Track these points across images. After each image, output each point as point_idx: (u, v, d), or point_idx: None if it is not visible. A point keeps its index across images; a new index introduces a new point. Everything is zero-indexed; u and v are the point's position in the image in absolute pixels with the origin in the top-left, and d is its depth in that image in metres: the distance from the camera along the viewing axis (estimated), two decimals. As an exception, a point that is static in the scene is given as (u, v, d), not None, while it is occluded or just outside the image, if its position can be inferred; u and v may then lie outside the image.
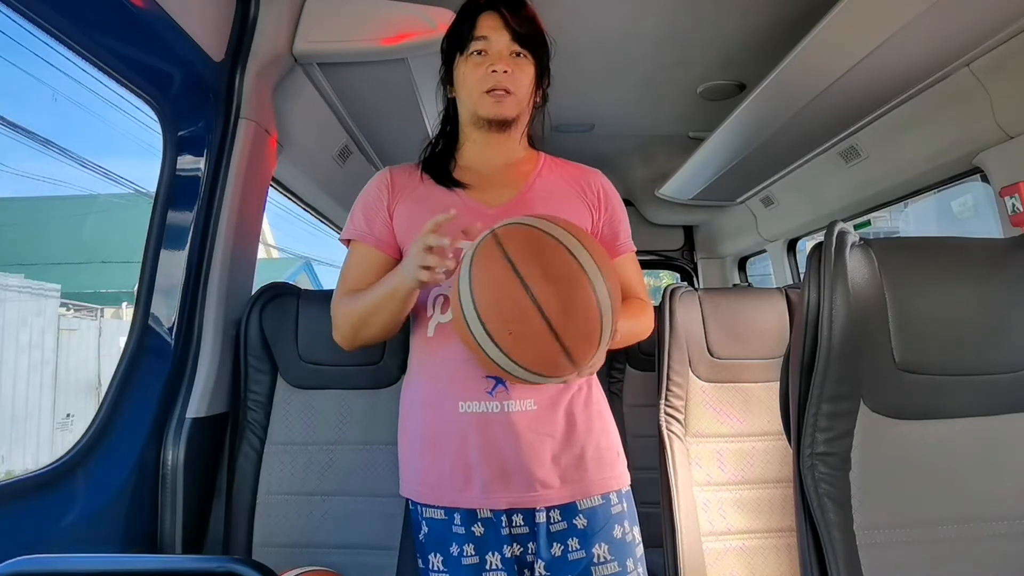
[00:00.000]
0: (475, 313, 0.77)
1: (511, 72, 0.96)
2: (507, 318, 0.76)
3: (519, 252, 0.77)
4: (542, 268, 0.76)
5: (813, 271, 0.92)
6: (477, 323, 0.77)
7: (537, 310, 0.74)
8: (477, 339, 0.78)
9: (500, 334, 0.76)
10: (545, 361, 0.77)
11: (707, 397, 1.36)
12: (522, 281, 0.75)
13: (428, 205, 0.99)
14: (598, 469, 0.95)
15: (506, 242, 0.79)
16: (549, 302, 0.74)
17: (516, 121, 1.01)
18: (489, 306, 0.76)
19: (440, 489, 0.93)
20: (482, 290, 0.77)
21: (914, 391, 0.90)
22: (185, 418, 1.19)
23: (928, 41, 1.24)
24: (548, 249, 0.78)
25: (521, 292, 0.75)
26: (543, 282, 0.75)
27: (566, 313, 0.75)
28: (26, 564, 0.61)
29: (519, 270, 0.76)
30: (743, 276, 3.24)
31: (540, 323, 0.74)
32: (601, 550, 0.91)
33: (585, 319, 0.76)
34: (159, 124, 1.24)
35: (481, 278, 0.78)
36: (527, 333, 0.75)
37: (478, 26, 0.97)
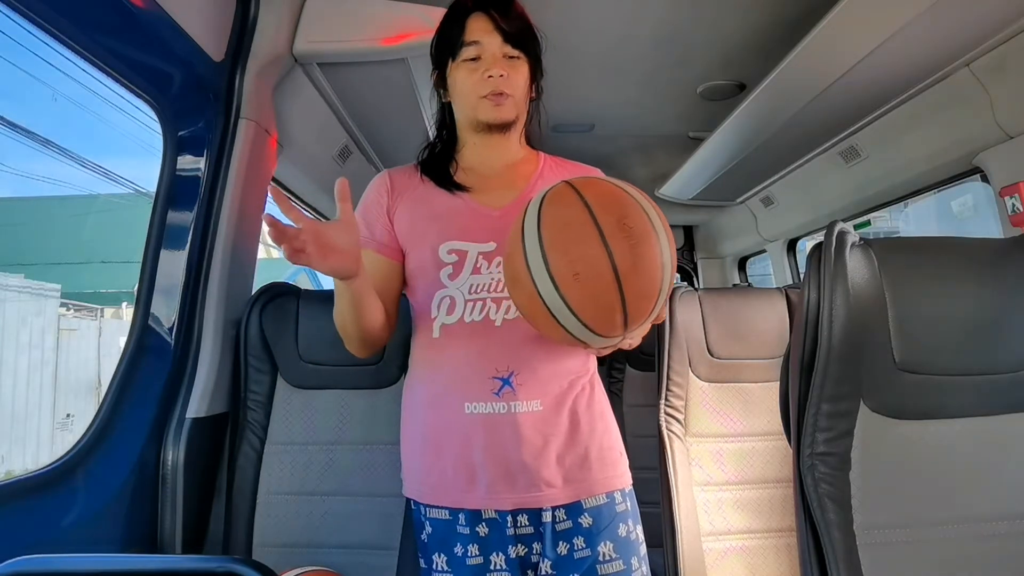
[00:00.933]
0: (540, 251, 0.74)
1: (507, 75, 0.95)
2: (575, 258, 0.73)
3: (597, 199, 0.76)
4: (618, 218, 0.74)
5: (813, 271, 0.92)
6: (540, 262, 0.74)
7: (608, 257, 0.72)
8: (536, 280, 0.75)
9: (564, 276, 0.73)
10: (603, 314, 0.75)
11: (707, 397, 1.36)
12: (597, 226, 0.73)
13: (429, 207, 0.99)
14: (602, 468, 0.95)
15: (583, 189, 0.78)
16: (622, 252, 0.73)
17: (515, 122, 1.00)
18: (559, 245, 0.74)
19: (444, 489, 0.93)
20: (554, 229, 0.75)
21: (914, 391, 0.90)
22: (185, 418, 1.19)
23: (928, 41, 1.24)
24: (626, 202, 0.77)
25: (595, 236, 0.73)
26: (618, 232, 0.73)
27: (635, 267, 0.73)
28: (26, 564, 0.61)
29: (596, 215, 0.74)
30: (743, 276, 3.24)
31: (608, 271, 0.72)
32: (607, 548, 0.92)
33: (650, 278, 0.75)
34: (159, 124, 1.24)
35: (555, 216, 0.76)
36: (593, 278, 0.73)
37: (468, 30, 0.96)
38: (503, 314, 0.92)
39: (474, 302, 0.92)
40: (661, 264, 0.76)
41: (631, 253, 0.73)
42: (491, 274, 0.93)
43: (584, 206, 0.76)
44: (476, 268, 0.93)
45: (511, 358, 0.91)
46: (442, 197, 0.99)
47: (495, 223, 0.96)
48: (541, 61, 1.04)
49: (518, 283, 0.78)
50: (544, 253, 0.74)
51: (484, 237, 0.95)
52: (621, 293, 0.73)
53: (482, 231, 0.95)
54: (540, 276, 0.74)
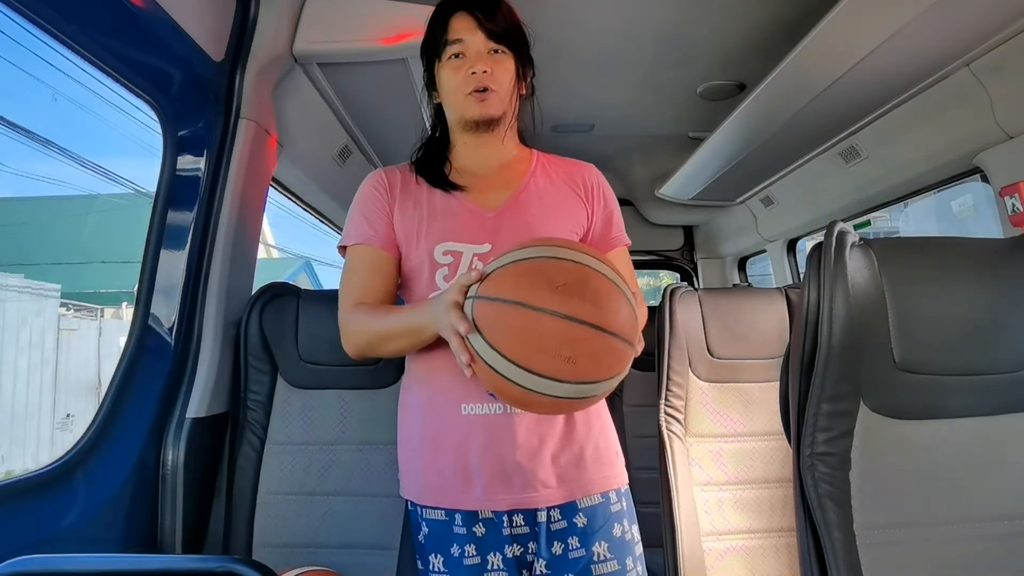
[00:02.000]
0: (518, 368, 0.72)
1: (491, 71, 0.95)
2: (554, 349, 0.71)
3: (516, 290, 0.74)
4: (548, 285, 0.73)
5: (813, 271, 0.92)
6: (527, 376, 0.72)
7: (571, 321, 0.72)
8: (537, 390, 0.72)
9: (558, 368, 0.71)
10: (610, 359, 0.74)
11: (707, 397, 1.36)
12: (539, 310, 0.72)
13: (425, 207, 0.98)
14: (597, 468, 0.95)
15: (498, 290, 0.75)
16: (575, 308, 0.72)
17: (503, 118, 0.99)
18: (529, 353, 0.72)
19: (441, 491, 0.93)
20: (511, 346, 0.73)
21: (914, 391, 0.90)
22: (185, 418, 1.19)
23: (928, 41, 1.24)
24: (539, 269, 0.75)
25: (547, 319, 0.71)
26: (556, 296, 0.72)
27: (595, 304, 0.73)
28: (26, 564, 0.61)
29: (529, 304, 0.72)
30: (743, 276, 3.24)
31: (583, 330, 0.72)
32: (601, 548, 0.92)
33: (609, 297, 0.74)
34: (159, 124, 1.24)
35: (501, 337, 0.73)
36: (578, 346, 0.72)
37: (451, 29, 0.96)
38: None
39: None
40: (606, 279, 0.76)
41: (580, 300, 0.73)
42: None
43: (511, 304, 0.74)
44: (471, 269, 0.92)
45: None
46: (437, 197, 0.99)
47: (490, 224, 0.96)
48: (531, 58, 1.04)
49: (524, 401, 0.77)
50: (523, 368, 0.72)
51: (479, 238, 0.94)
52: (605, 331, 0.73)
53: (477, 232, 0.95)
54: (539, 385, 0.73)
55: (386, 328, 0.93)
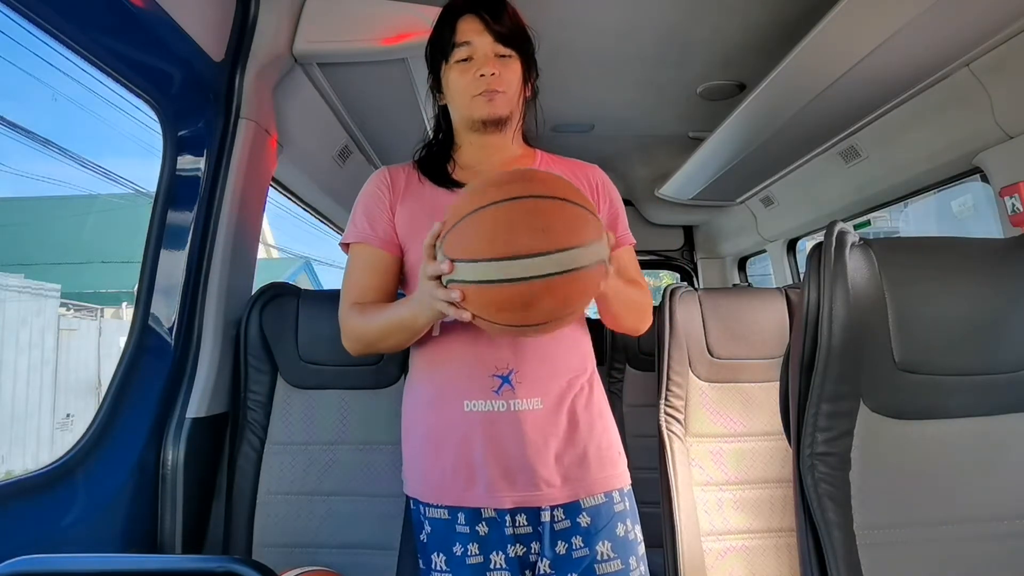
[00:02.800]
0: (501, 262, 0.72)
1: (499, 73, 0.96)
2: (525, 224, 0.73)
3: (470, 204, 0.76)
4: (495, 186, 0.76)
5: (813, 271, 0.92)
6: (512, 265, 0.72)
7: (531, 198, 0.74)
8: (527, 275, 0.72)
9: (535, 241, 0.72)
10: (579, 224, 0.74)
11: (707, 397, 1.36)
12: (497, 203, 0.74)
13: (429, 207, 0.99)
14: (600, 468, 0.95)
15: (456, 215, 0.77)
16: (527, 188, 0.74)
17: (509, 119, 1.00)
18: (505, 239, 0.73)
19: (443, 488, 0.93)
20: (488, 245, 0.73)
21: (914, 391, 0.90)
22: (185, 418, 1.19)
23: (928, 41, 1.24)
24: (483, 189, 0.77)
25: (507, 206, 0.74)
26: (506, 187, 0.75)
27: (544, 184, 0.75)
28: (26, 564, 0.61)
29: (487, 203, 0.74)
30: (743, 276, 3.24)
31: (544, 201, 0.74)
32: (604, 548, 0.92)
33: (556, 180, 0.77)
34: (159, 124, 1.24)
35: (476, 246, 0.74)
36: (546, 215, 0.73)
37: (459, 31, 0.97)
38: None
39: None
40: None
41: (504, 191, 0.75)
42: None
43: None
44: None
45: (511, 356, 0.91)
46: (440, 195, 0.99)
47: None
48: (535, 60, 1.04)
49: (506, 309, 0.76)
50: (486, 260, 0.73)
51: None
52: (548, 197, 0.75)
53: None
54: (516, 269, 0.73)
55: (381, 325, 0.94)
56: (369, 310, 0.97)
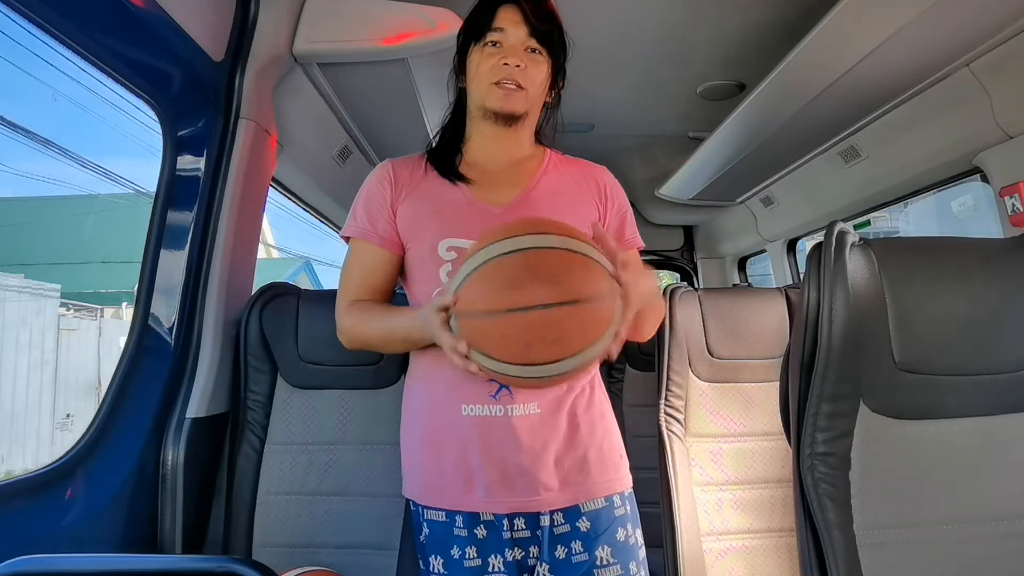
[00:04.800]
0: (517, 367, 0.75)
1: (524, 67, 0.94)
2: (538, 339, 0.73)
3: (484, 301, 0.76)
4: (509, 286, 0.74)
5: (813, 271, 0.92)
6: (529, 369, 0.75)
7: (542, 309, 0.72)
8: (542, 375, 0.75)
9: (550, 351, 0.73)
10: (593, 323, 0.74)
11: (707, 397, 1.36)
12: (511, 312, 0.73)
13: (433, 202, 0.97)
14: (601, 471, 0.94)
15: (470, 305, 0.77)
16: (539, 295, 0.72)
17: (525, 118, 0.99)
18: (520, 351, 0.74)
19: (442, 491, 0.93)
20: (503, 352, 0.75)
21: (914, 391, 0.90)
22: (185, 418, 1.19)
23: (928, 41, 1.24)
24: (495, 272, 0.76)
25: (519, 317, 0.73)
26: (519, 293, 0.73)
27: (554, 283, 0.73)
28: (26, 564, 0.61)
29: (499, 310, 0.74)
30: (743, 276, 3.24)
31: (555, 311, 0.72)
32: (604, 553, 0.91)
33: (566, 271, 0.74)
34: (159, 124, 1.24)
35: (490, 346, 0.76)
36: (559, 327, 0.72)
37: (497, 17, 0.95)
38: None
39: None
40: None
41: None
42: None
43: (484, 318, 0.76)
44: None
45: None
46: (444, 191, 0.98)
47: (496, 220, 0.94)
48: (565, 70, 1.03)
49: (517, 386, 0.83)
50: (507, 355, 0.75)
51: None
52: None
53: (482, 229, 0.94)
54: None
55: (379, 333, 0.96)
56: (366, 311, 0.97)
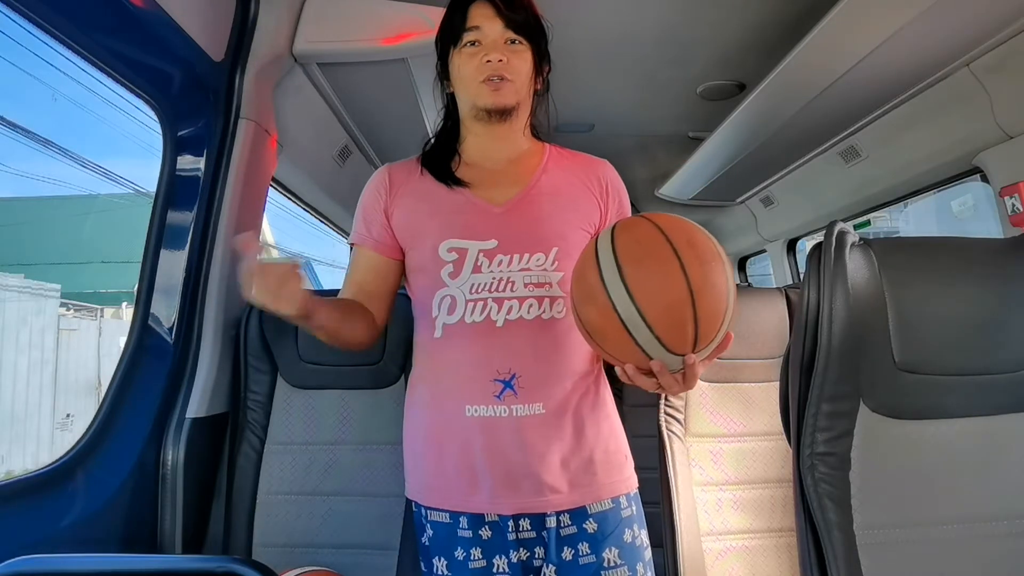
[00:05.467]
0: (615, 266, 0.75)
1: (507, 60, 0.93)
2: (653, 271, 0.74)
3: (666, 223, 0.78)
4: (688, 239, 0.76)
5: (813, 271, 0.92)
6: (616, 276, 0.75)
7: (682, 271, 0.73)
8: (611, 293, 0.75)
9: (639, 287, 0.74)
10: (676, 328, 0.74)
11: (707, 397, 1.36)
12: (670, 243, 0.75)
13: (429, 203, 0.97)
14: (607, 473, 0.94)
15: (652, 217, 0.79)
16: (693, 267, 0.74)
17: (517, 110, 0.98)
18: (634, 259, 0.75)
19: (446, 492, 0.92)
20: (629, 245, 0.77)
21: (914, 391, 0.90)
22: (185, 418, 1.19)
23: (928, 41, 1.24)
24: (692, 227, 0.79)
25: (669, 251, 0.74)
26: (688, 249, 0.75)
27: (705, 283, 0.74)
28: (26, 564, 0.61)
29: (668, 234, 0.76)
30: (743, 276, 3.24)
31: (683, 284, 0.73)
32: (611, 554, 0.91)
33: (719, 296, 0.75)
34: (159, 124, 1.24)
35: (629, 235, 0.78)
36: (669, 290, 0.74)
37: (470, 16, 0.95)
38: (505, 315, 0.90)
39: (475, 302, 0.91)
40: (727, 285, 0.77)
41: (701, 268, 0.75)
42: (492, 273, 0.91)
43: (655, 227, 0.77)
44: (477, 267, 0.92)
45: (513, 360, 0.90)
46: (442, 192, 0.97)
47: (496, 220, 0.94)
48: (548, 53, 1.03)
49: (591, 299, 0.77)
50: (620, 268, 0.75)
51: (485, 234, 0.93)
52: (694, 306, 0.74)
53: (483, 228, 0.93)
54: (616, 290, 0.75)
55: None
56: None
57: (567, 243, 0.94)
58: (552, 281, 0.93)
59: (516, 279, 0.91)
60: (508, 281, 0.91)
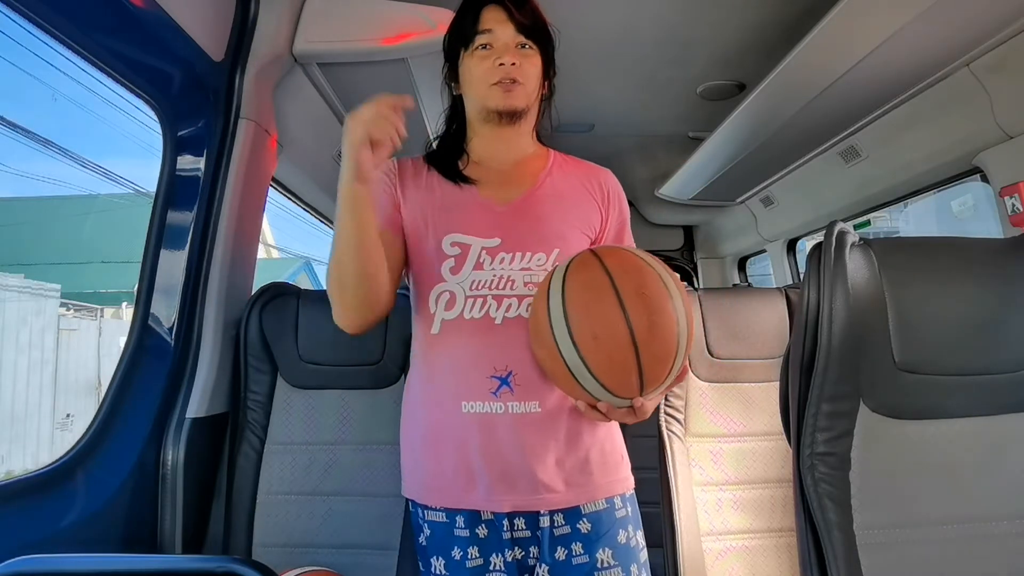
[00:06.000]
0: (562, 313, 0.78)
1: (518, 64, 0.94)
2: (595, 320, 0.77)
3: (617, 267, 0.80)
4: (636, 286, 0.78)
5: (813, 271, 0.92)
6: (562, 323, 0.78)
7: (625, 321, 0.76)
8: (557, 340, 0.78)
9: (584, 337, 0.77)
10: (620, 375, 0.78)
11: (707, 397, 1.36)
12: (617, 291, 0.78)
13: (435, 197, 0.97)
14: (603, 473, 0.94)
15: (605, 258, 0.82)
16: (638, 317, 0.77)
17: (526, 113, 0.99)
18: (580, 307, 0.78)
19: (443, 490, 0.92)
20: (576, 292, 0.79)
21: (914, 391, 0.90)
22: (185, 418, 1.19)
23: (928, 41, 1.24)
24: (644, 271, 0.81)
25: (614, 300, 0.77)
26: (636, 298, 0.77)
27: (651, 331, 0.77)
28: (26, 564, 0.61)
29: (615, 282, 0.78)
30: (743, 276, 3.24)
31: (626, 334, 0.76)
32: (605, 555, 0.91)
33: (665, 342, 0.78)
34: (159, 124, 1.24)
35: (577, 280, 0.80)
36: (611, 339, 0.76)
37: (482, 20, 0.96)
38: (504, 312, 0.91)
39: (474, 299, 0.91)
40: (676, 331, 0.78)
41: (648, 318, 0.77)
42: (493, 270, 0.92)
43: (605, 273, 0.80)
44: (479, 263, 0.92)
45: (510, 357, 0.90)
46: (448, 189, 0.98)
47: (501, 219, 0.95)
48: (554, 59, 1.04)
49: (540, 341, 0.82)
50: (566, 314, 0.78)
51: (488, 232, 0.93)
52: (637, 356, 0.77)
53: (487, 225, 0.94)
54: (561, 336, 0.78)
55: (334, 248, 0.90)
56: None
57: (568, 245, 0.95)
58: None
59: (516, 278, 0.92)
60: (508, 279, 0.92)
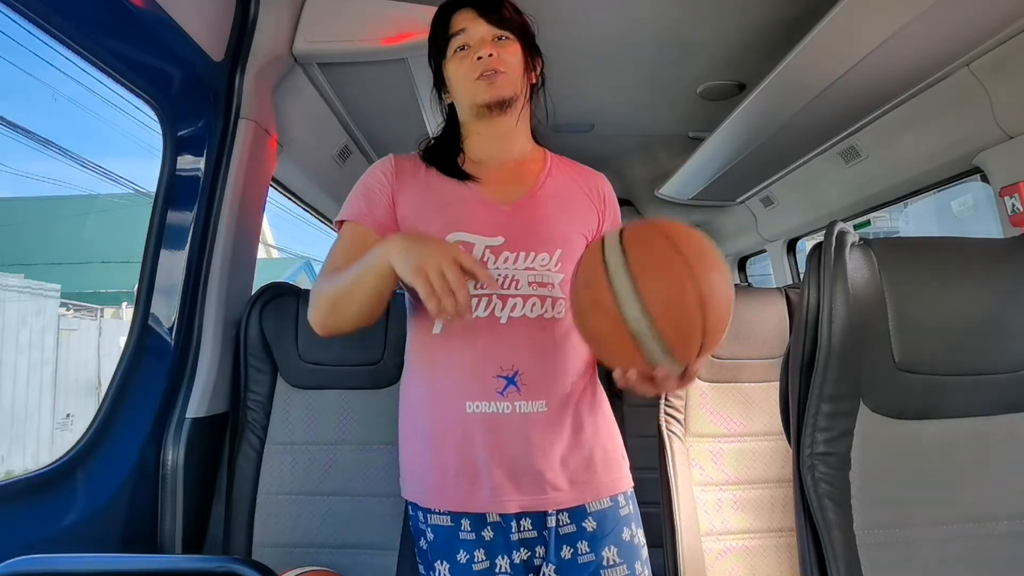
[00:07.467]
0: (627, 278, 0.74)
1: (497, 54, 0.94)
2: (668, 284, 0.74)
3: (674, 232, 0.77)
4: (700, 255, 0.76)
5: (813, 271, 0.92)
6: (628, 288, 0.74)
7: (695, 283, 0.73)
8: (623, 305, 0.74)
9: (654, 301, 0.73)
10: (685, 339, 0.74)
11: (707, 397, 1.36)
12: (684, 256, 0.74)
13: (437, 195, 0.96)
14: (606, 471, 0.94)
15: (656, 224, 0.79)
16: (704, 281, 0.74)
17: (515, 101, 0.97)
18: (648, 271, 0.74)
19: (447, 492, 0.91)
20: (642, 257, 0.75)
21: (914, 391, 0.90)
22: (185, 418, 1.19)
23: (928, 41, 1.24)
24: (702, 240, 0.78)
25: (683, 263, 0.74)
26: (702, 266, 0.75)
27: (713, 295, 0.74)
28: (26, 564, 0.61)
29: (679, 246, 0.75)
30: (743, 276, 3.24)
31: (695, 296, 0.73)
32: (610, 553, 0.91)
33: (726, 308, 0.76)
34: (159, 124, 1.24)
35: (639, 247, 0.76)
36: (682, 303, 0.73)
37: (453, 23, 0.96)
38: (508, 312, 0.90)
39: (479, 298, 0.90)
40: (730, 296, 0.77)
41: (711, 284, 0.74)
42: (497, 270, 0.91)
43: (667, 239, 0.77)
44: (483, 263, 0.91)
45: (515, 357, 0.89)
46: (450, 186, 0.97)
47: (504, 218, 0.94)
48: (537, 46, 1.03)
49: (600, 308, 0.76)
50: (633, 279, 0.74)
51: (492, 231, 0.93)
52: (703, 321, 0.74)
53: (491, 225, 0.93)
54: (627, 301, 0.74)
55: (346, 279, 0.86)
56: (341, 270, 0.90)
57: (570, 245, 0.95)
58: (554, 282, 0.93)
59: (520, 277, 0.92)
60: (513, 279, 0.91)
